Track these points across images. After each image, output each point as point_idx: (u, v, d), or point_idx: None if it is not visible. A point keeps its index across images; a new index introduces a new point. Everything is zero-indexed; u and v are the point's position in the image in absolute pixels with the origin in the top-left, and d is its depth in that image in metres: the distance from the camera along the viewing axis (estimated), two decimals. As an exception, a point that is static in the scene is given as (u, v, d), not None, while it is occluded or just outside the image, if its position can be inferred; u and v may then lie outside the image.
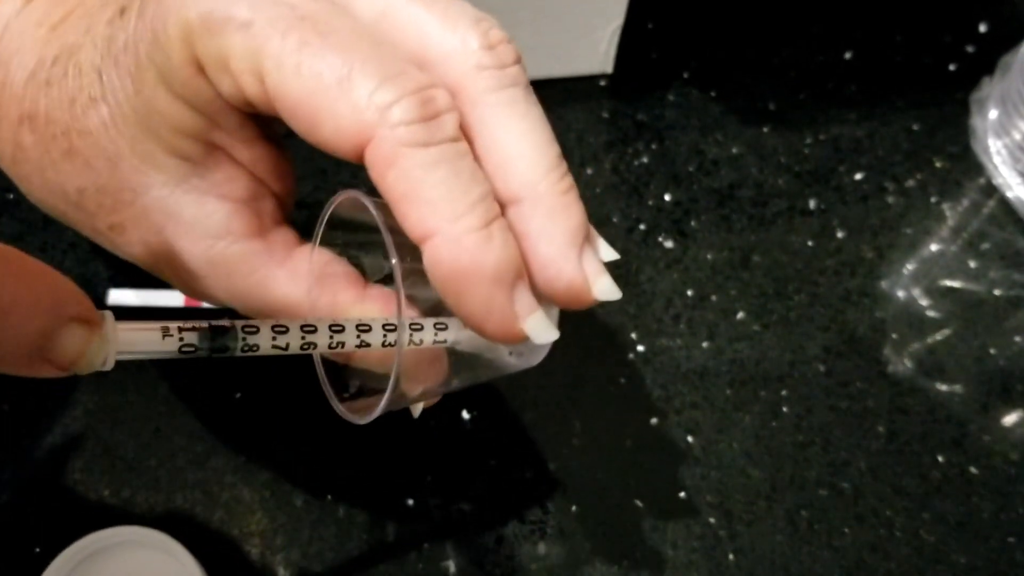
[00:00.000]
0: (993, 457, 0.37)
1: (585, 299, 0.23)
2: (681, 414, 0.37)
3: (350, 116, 0.21)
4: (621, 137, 0.45)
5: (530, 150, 0.23)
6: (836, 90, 0.48)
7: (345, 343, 0.23)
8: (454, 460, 0.35)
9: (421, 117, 0.21)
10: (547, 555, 0.33)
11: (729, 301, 0.40)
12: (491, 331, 0.22)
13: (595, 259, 0.24)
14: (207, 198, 0.26)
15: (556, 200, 0.23)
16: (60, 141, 0.26)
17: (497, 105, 0.23)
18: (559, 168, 0.23)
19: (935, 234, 0.43)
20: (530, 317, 0.22)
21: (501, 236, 0.22)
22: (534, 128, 0.23)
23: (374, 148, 0.21)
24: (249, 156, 0.26)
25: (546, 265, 0.23)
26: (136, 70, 0.24)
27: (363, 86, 0.21)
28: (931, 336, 0.40)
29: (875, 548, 0.34)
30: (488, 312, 0.22)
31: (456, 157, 0.21)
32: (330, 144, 0.22)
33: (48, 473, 0.33)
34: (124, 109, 0.24)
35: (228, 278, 0.27)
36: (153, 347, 0.20)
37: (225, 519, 0.33)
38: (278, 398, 0.36)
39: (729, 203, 0.43)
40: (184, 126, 0.24)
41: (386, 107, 0.21)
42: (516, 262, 0.22)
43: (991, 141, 0.45)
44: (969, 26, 0.51)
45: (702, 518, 0.34)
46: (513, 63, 0.23)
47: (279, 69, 0.21)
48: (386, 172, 0.21)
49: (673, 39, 0.49)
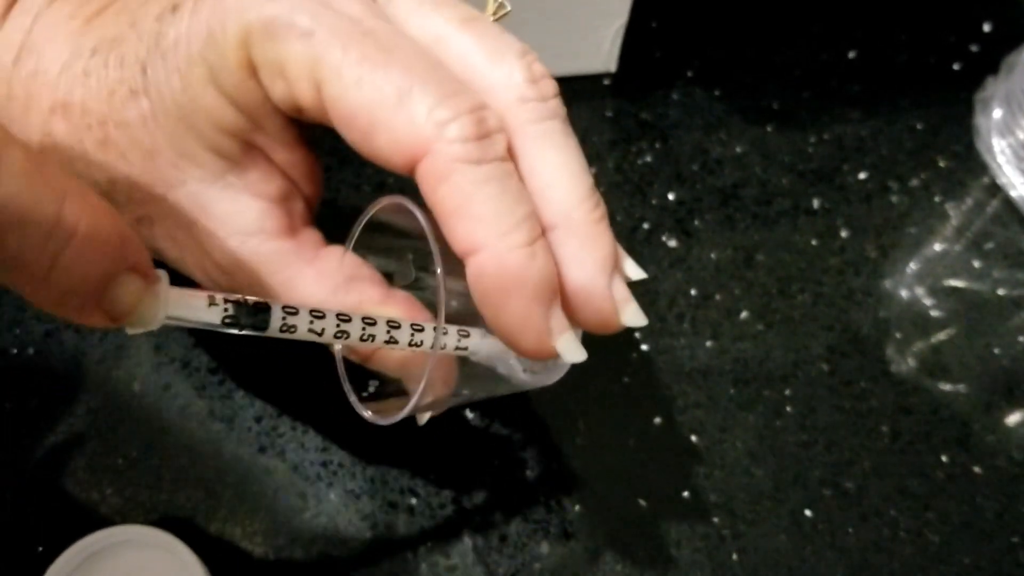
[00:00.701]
0: (997, 457, 0.37)
1: (613, 325, 0.24)
2: (685, 413, 0.37)
3: (407, 130, 0.22)
4: (625, 136, 0.45)
5: (566, 180, 0.24)
6: (840, 89, 0.48)
7: (376, 336, 0.24)
8: (458, 459, 0.35)
9: (475, 135, 0.22)
10: (551, 554, 0.33)
11: (733, 300, 0.40)
12: (525, 345, 0.23)
13: (624, 287, 0.25)
14: (241, 195, 0.26)
15: (589, 228, 0.24)
16: (95, 131, 0.26)
17: (537, 136, 0.24)
18: (592, 198, 0.24)
19: (939, 233, 0.43)
20: (563, 336, 0.23)
21: (543, 255, 0.23)
22: (570, 159, 0.24)
23: (428, 162, 0.22)
24: (286, 158, 0.27)
25: (577, 290, 0.24)
26: (186, 66, 0.24)
27: (422, 102, 0.22)
28: (935, 336, 0.40)
29: (879, 548, 0.34)
30: (525, 326, 0.23)
31: (505, 176, 0.22)
32: (383, 155, 0.22)
33: (51, 472, 0.33)
34: (167, 104, 0.25)
35: (256, 276, 0.27)
36: (199, 315, 0.21)
37: (228, 518, 0.33)
38: (281, 398, 0.35)
39: (733, 202, 0.43)
40: (227, 125, 0.25)
41: (443, 123, 0.22)
42: (555, 281, 0.23)
43: (995, 140, 0.45)
44: (973, 25, 0.51)
45: (706, 517, 0.34)
46: (553, 96, 0.24)
47: (339, 80, 0.22)
48: (438, 186, 0.22)
49: (677, 38, 0.49)
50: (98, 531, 0.30)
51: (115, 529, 0.30)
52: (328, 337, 0.23)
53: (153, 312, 0.20)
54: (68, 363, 0.36)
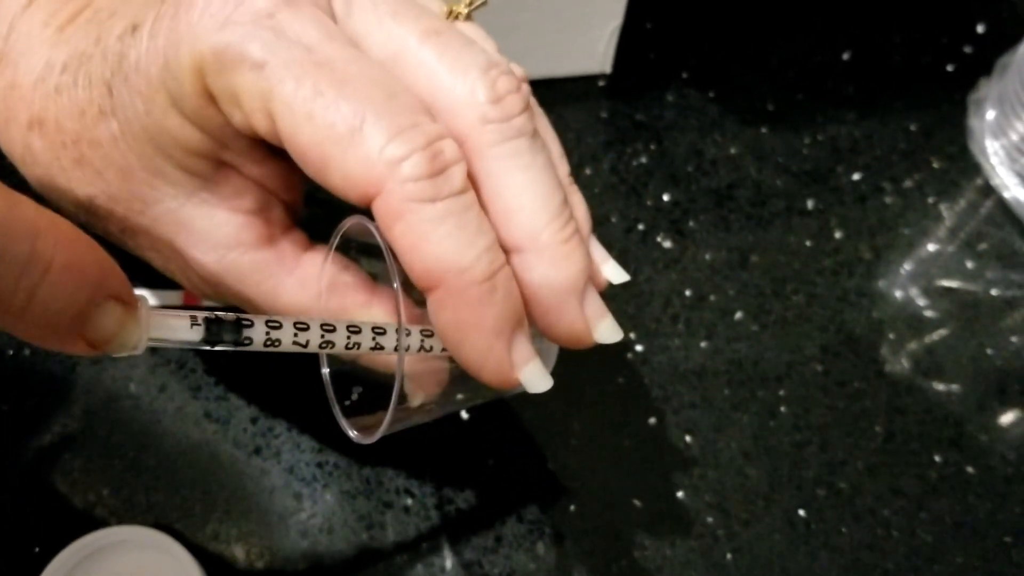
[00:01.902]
0: (990, 456, 0.37)
1: (586, 342, 0.24)
2: (679, 414, 0.37)
3: (360, 168, 0.21)
4: (619, 137, 0.45)
5: (532, 201, 0.23)
6: (834, 90, 0.48)
7: (361, 344, 0.24)
8: (452, 460, 0.35)
9: (430, 173, 0.21)
10: (545, 555, 0.33)
11: (727, 301, 0.40)
12: (487, 378, 0.23)
13: (597, 302, 0.24)
14: (217, 210, 0.26)
15: (557, 250, 0.23)
16: (70, 149, 0.26)
17: (500, 158, 0.23)
18: (561, 217, 0.23)
19: (932, 234, 0.43)
20: (526, 367, 0.23)
21: (504, 288, 0.22)
22: (537, 180, 0.23)
23: (382, 201, 0.21)
24: (259, 172, 0.26)
25: (548, 310, 0.24)
26: (147, 90, 0.24)
27: (374, 140, 0.21)
28: (928, 336, 0.40)
29: (872, 547, 0.34)
30: (486, 360, 0.22)
31: (462, 210, 0.22)
32: (338, 191, 0.22)
33: (47, 473, 0.33)
34: (134, 126, 0.25)
35: (239, 285, 0.27)
36: (181, 335, 0.21)
37: (223, 518, 0.33)
38: (276, 399, 0.36)
39: (727, 203, 0.43)
40: (193, 147, 0.24)
41: (396, 162, 0.21)
42: (517, 313, 0.23)
43: (989, 142, 0.45)
44: (967, 27, 0.51)
45: (700, 518, 0.34)
46: (519, 113, 0.23)
47: (291, 114, 0.21)
48: (393, 224, 0.21)
49: (671, 39, 0.49)
50: (94, 532, 0.30)
51: (111, 530, 0.30)
52: (313, 348, 0.23)
53: (135, 337, 0.20)
54: (64, 364, 0.36)
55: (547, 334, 0.24)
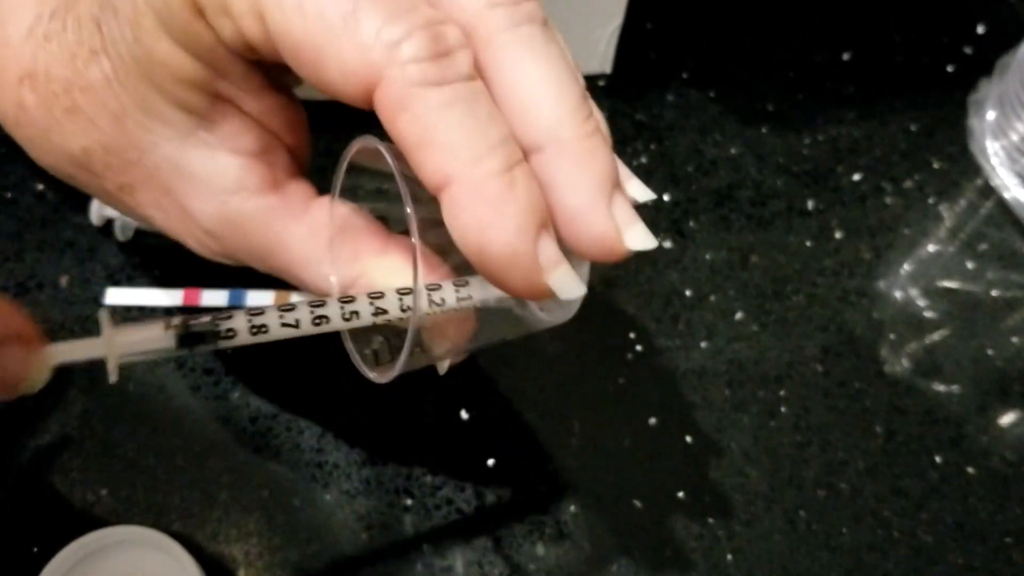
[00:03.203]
0: (990, 457, 0.37)
1: (617, 251, 0.22)
2: (680, 414, 0.37)
3: (356, 56, 0.20)
4: (620, 137, 0.45)
5: (550, 92, 0.21)
6: (834, 91, 0.48)
7: (360, 312, 0.22)
8: (453, 460, 0.35)
9: (432, 54, 0.20)
10: (546, 555, 0.33)
11: (728, 301, 0.40)
12: (514, 285, 0.21)
13: (626, 207, 0.22)
14: (217, 152, 0.25)
15: (581, 145, 0.21)
16: (62, 99, 0.25)
17: (512, 44, 0.21)
18: (582, 110, 0.21)
19: (933, 235, 0.43)
20: (556, 270, 0.21)
21: (525, 181, 0.20)
22: (553, 68, 0.21)
23: (383, 90, 0.20)
24: (258, 107, 0.25)
25: (573, 217, 0.21)
26: (135, 17, 0.23)
27: (369, 23, 0.19)
28: (929, 336, 0.40)
29: (873, 548, 0.34)
30: (511, 265, 0.20)
31: (472, 97, 0.20)
32: (337, 88, 0.20)
33: (46, 472, 0.33)
34: (125, 60, 0.23)
35: (244, 236, 0.25)
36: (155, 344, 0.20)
37: (223, 518, 0.33)
38: (276, 398, 0.35)
39: (728, 203, 0.43)
40: (187, 75, 0.23)
41: (394, 44, 0.19)
42: (541, 210, 0.21)
43: (989, 142, 0.45)
44: (967, 27, 0.51)
45: (700, 518, 0.34)
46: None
47: (280, 8, 0.20)
48: (397, 116, 0.20)
49: (672, 39, 0.49)
50: (93, 531, 0.30)
51: (111, 529, 0.30)
52: (306, 327, 0.21)
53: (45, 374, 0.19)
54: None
55: (573, 244, 0.22)
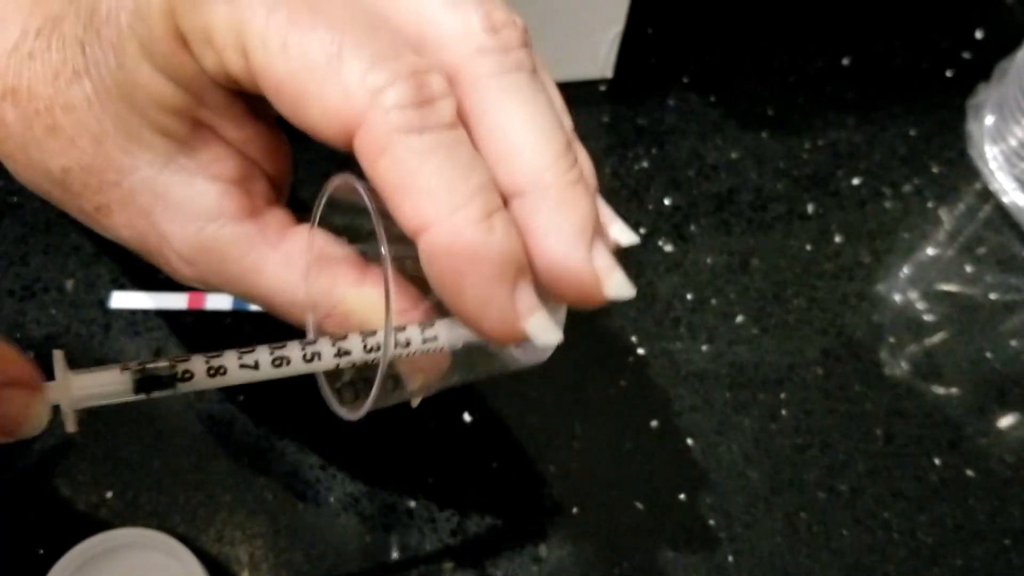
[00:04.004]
0: (990, 460, 0.37)
1: (596, 297, 0.22)
2: (681, 417, 0.37)
3: (339, 98, 0.20)
4: (621, 142, 0.45)
5: (534, 138, 0.21)
6: (834, 95, 0.48)
7: (321, 354, 0.22)
8: (455, 462, 0.35)
9: (415, 102, 0.20)
10: (548, 557, 0.33)
11: (728, 304, 0.40)
12: (489, 330, 0.21)
13: (606, 253, 0.22)
14: (196, 178, 0.25)
15: (563, 192, 0.21)
16: (43, 117, 0.25)
17: (499, 91, 0.21)
18: (566, 157, 0.22)
19: (932, 238, 0.44)
20: (532, 317, 0.21)
21: (503, 228, 0.20)
22: (538, 115, 0.21)
23: (364, 134, 0.20)
24: (238, 135, 0.25)
25: (553, 262, 0.21)
26: (118, 42, 0.22)
27: (354, 67, 0.20)
28: (928, 340, 0.40)
29: (873, 550, 0.34)
30: (486, 309, 0.20)
31: (453, 144, 0.20)
32: (317, 128, 0.21)
33: (51, 475, 0.34)
34: (107, 83, 0.23)
35: (220, 263, 0.25)
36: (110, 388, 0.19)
37: (228, 521, 0.33)
38: (280, 400, 0.36)
39: (728, 207, 0.43)
40: (168, 102, 0.23)
41: (378, 90, 0.20)
42: (519, 256, 0.21)
43: (987, 147, 0.46)
44: (966, 32, 0.51)
45: (702, 520, 0.35)
46: (518, 46, 0.22)
47: (264, 46, 0.20)
48: (377, 160, 0.20)
49: (673, 44, 0.49)
50: (99, 534, 0.30)
51: (116, 532, 0.31)
52: (266, 369, 0.21)
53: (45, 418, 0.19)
54: (68, 367, 0.36)
55: (553, 289, 0.22)
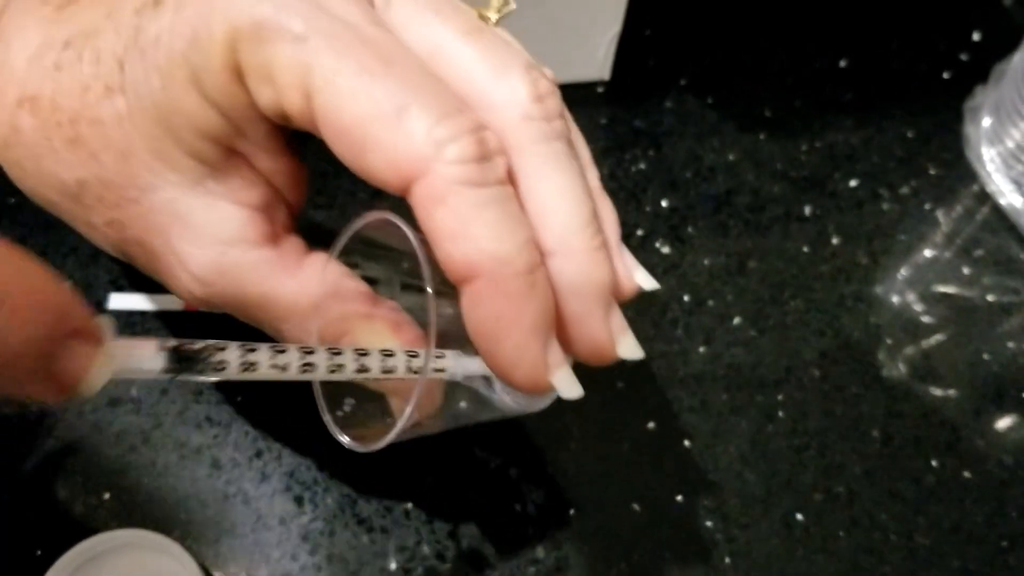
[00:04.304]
0: (987, 461, 0.37)
1: (608, 356, 0.24)
2: (678, 418, 0.37)
3: (404, 149, 0.21)
4: (619, 143, 0.45)
5: (567, 205, 0.23)
6: (831, 97, 0.48)
7: (345, 366, 0.23)
8: (452, 463, 0.35)
9: (476, 157, 0.21)
10: (545, 559, 0.33)
11: (725, 306, 0.40)
12: (519, 379, 0.22)
13: (620, 317, 0.24)
14: (221, 202, 0.25)
15: (588, 256, 0.23)
16: (65, 129, 0.25)
17: (539, 157, 0.23)
18: (593, 224, 0.23)
19: (929, 240, 0.44)
20: (560, 369, 0.22)
21: (543, 284, 0.22)
22: (573, 184, 0.23)
23: (425, 184, 0.21)
24: (270, 166, 0.25)
25: (573, 320, 0.23)
26: (166, 66, 0.23)
27: (422, 120, 0.20)
28: (925, 341, 0.40)
29: (870, 552, 0.34)
30: (521, 360, 0.22)
31: (506, 200, 0.21)
32: (375, 172, 0.21)
33: (49, 476, 0.34)
34: (144, 104, 0.23)
35: (237, 286, 0.26)
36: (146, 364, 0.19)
37: (225, 521, 0.33)
38: (278, 401, 0.36)
39: (726, 209, 0.43)
40: (209, 130, 0.23)
41: (443, 143, 0.20)
42: (552, 314, 0.22)
43: (984, 149, 0.46)
44: (963, 34, 0.51)
45: (699, 522, 0.35)
46: (558, 116, 0.23)
47: (332, 90, 0.21)
48: (435, 209, 0.21)
49: (670, 46, 0.49)
50: (96, 535, 0.30)
51: (113, 533, 0.31)
52: (293, 372, 0.22)
53: (105, 376, 0.18)
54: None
55: (571, 346, 0.23)
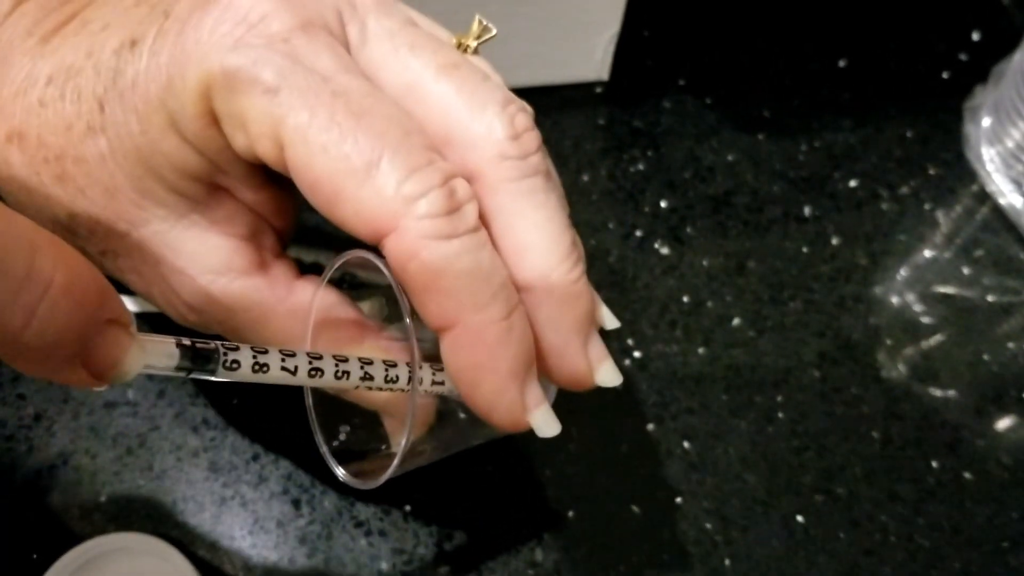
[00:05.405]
0: (987, 462, 0.37)
1: (586, 384, 0.24)
2: (677, 420, 0.37)
3: (374, 203, 0.21)
4: (617, 144, 0.45)
5: (545, 240, 0.23)
6: (830, 97, 0.48)
7: (350, 373, 0.23)
8: (452, 465, 0.35)
9: (446, 210, 0.21)
10: (543, 561, 0.33)
11: (725, 307, 0.40)
12: (498, 420, 0.23)
13: (599, 345, 0.24)
14: (208, 234, 0.25)
15: (566, 290, 0.23)
16: (52, 166, 0.25)
17: (516, 194, 0.23)
18: (571, 257, 0.23)
19: (929, 241, 0.44)
20: (537, 410, 0.23)
21: (520, 327, 0.22)
22: (550, 218, 0.23)
23: (397, 238, 0.21)
24: (253, 198, 0.26)
25: (551, 353, 0.23)
26: (144, 110, 0.23)
27: (391, 175, 0.21)
28: (925, 342, 0.40)
29: (870, 553, 0.34)
30: (498, 402, 0.22)
31: (477, 247, 0.22)
32: (347, 225, 0.22)
33: (45, 480, 0.33)
34: (125, 145, 0.24)
35: (228, 313, 0.26)
36: (166, 361, 0.20)
37: (221, 524, 0.33)
38: (275, 405, 0.36)
39: (724, 209, 0.43)
40: (189, 169, 0.24)
41: (412, 199, 0.21)
42: (530, 355, 0.23)
43: (984, 149, 0.46)
44: (962, 34, 0.51)
45: (698, 524, 0.35)
46: (535, 151, 0.23)
47: (304, 144, 0.21)
48: (408, 263, 0.21)
49: (668, 47, 0.49)
50: (93, 538, 0.30)
51: (109, 536, 0.30)
52: (302, 375, 0.22)
53: (136, 364, 0.19)
54: (62, 371, 0.36)
55: (550, 375, 0.24)
